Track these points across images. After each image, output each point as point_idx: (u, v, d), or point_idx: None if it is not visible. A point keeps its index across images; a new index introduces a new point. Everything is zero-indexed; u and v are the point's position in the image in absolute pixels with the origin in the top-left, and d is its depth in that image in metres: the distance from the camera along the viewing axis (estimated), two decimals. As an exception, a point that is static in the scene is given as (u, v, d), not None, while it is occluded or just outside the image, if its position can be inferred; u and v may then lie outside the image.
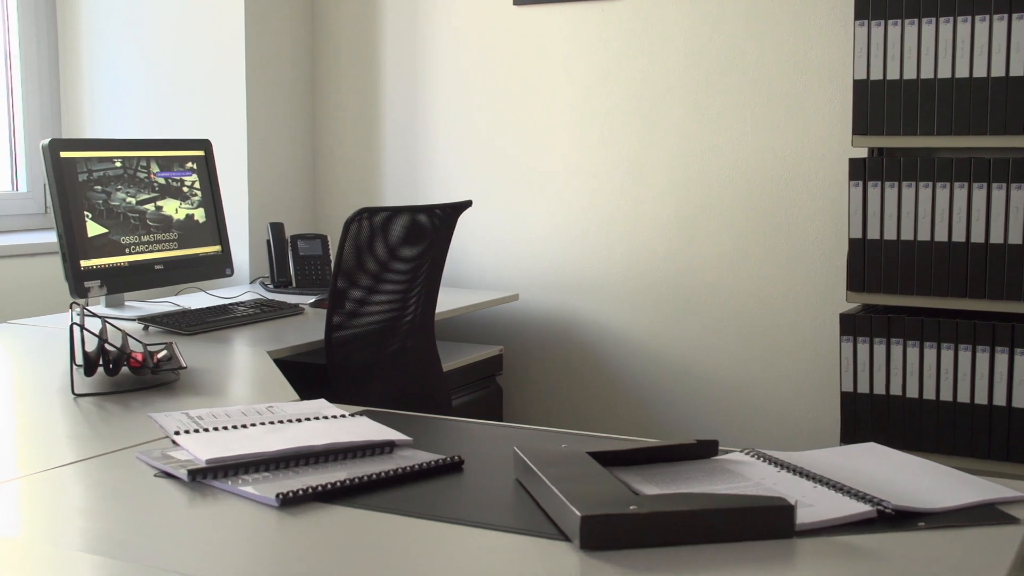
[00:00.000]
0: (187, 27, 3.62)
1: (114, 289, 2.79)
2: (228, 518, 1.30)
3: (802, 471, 1.41)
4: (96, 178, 2.78)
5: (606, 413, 3.48)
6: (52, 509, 1.34)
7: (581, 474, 1.31)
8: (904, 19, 2.69)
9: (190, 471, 1.39)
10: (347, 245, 2.40)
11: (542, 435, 1.72)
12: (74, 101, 3.76)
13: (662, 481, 1.37)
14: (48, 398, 1.91)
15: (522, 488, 1.41)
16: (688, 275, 3.34)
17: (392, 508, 1.33)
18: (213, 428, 1.62)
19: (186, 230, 3.03)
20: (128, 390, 1.97)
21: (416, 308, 2.71)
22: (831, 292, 3.15)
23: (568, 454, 1.40)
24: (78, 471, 1.49)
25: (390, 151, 3.75)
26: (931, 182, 2.70)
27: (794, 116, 3.16)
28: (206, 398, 1.95)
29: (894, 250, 2.76)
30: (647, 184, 3.37)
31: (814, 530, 1.23)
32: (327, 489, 1.35)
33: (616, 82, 3.39)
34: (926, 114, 2.70)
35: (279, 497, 1.31)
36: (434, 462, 1.47)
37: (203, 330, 2.63)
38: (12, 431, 1.72)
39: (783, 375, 3.24)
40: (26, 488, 1.41)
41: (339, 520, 1.30)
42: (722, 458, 1.48)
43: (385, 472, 1.41)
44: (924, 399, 2.75)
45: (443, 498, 1.40)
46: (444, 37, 3.63)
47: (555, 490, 1.25)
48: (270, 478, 1.41)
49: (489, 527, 1.27)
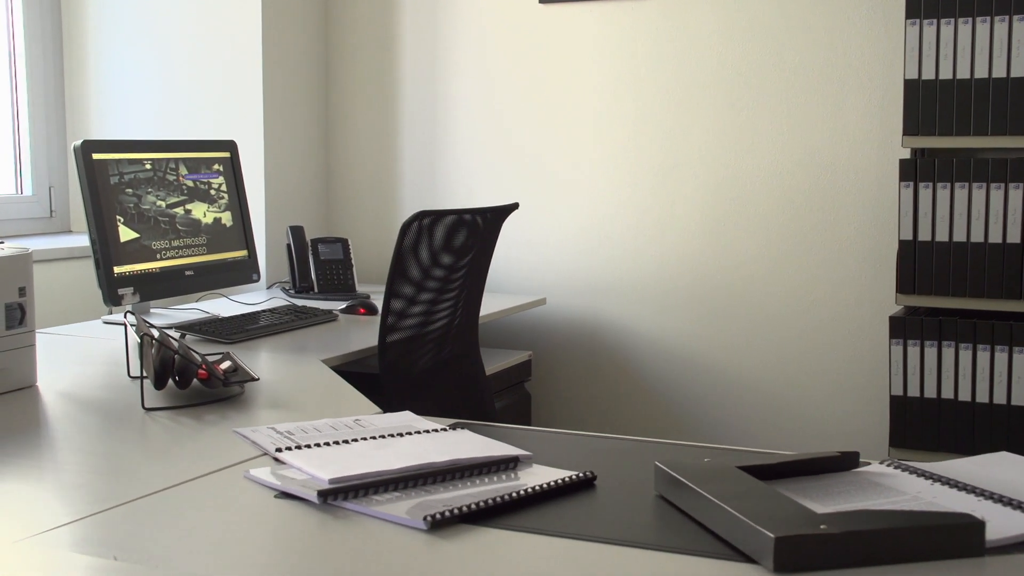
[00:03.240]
0: (199, 27, 3.51)
1: (147, 296, 2.68)
2: (374, 543, 1.22)
3: (956, 483, 1.36)
4: (127, 181, 2.67)
5: (637, 418, 3.42)
6: (184, 535, 1.25)
7: (745, 491, 1.25)
8: (957, 18, 2.66)
9: (320, 492, 1.31)
10: (404, 249, 2.32)
11: (644, 446, 1.66)
12: (79, 102, 3.63)
13: (818, 496, 1.31)
14: (118, 414, 1.82)
15: (668, 504, 1.34)
16: (720, 278, 3.29)
17: (540, 528, 1.26)
18: (315, 444, 1.54)
19: (214, 234, 2.93)
20: (197, 403, 1.87)
21: (462, 313, 2.63)
22: (870, 294, 3.11)
23: (718, 469, 1.33)
24: (188, 493, 1.40)
25: (408, 153, 3.66)
26: (984, 183, 2.67)
27: (831, 116, 3.12)
28: (280, 411, 1.86)
29: (945, 252, 2.72)
30: (678, 186, 3.31)
31: (1003, 547, 1.18)
32: (472, 510, 1.27)
33: (646, 82, 3.33)
34: (979, 114, 2.66)
35: (427, 520, 1.23)
36: (569, 478, 1.40)
37: (243, 338, 2.54)
38: (97, 451, 1.62)
39: (821, 379, 3.20)
40: (141, 513, 1.32)
41: (490, 542, 1.22)
42: (865, 471, 1.42)
43: (525, 490, 1.34)
44: (976, 402, 2.72)
45: (585, 516, 1.33)
46: (466, 37, 3.55)
47: (729, 509, 1.18)
48: (401, 498, 1.33)
49: (650, 547, 1.21)
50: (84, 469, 1.52)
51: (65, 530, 1.25)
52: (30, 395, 1.94)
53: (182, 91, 3.55)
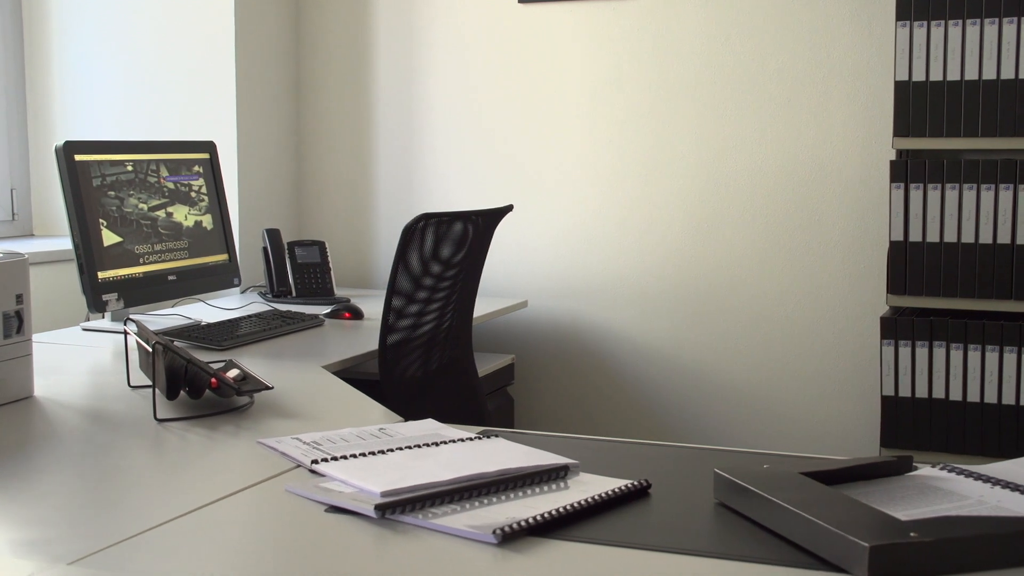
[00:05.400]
0: (167, 25, 3.42)
1: (131, 302, 2.59)
2: (442, 558, 1.17)
3: (1015, 486, 1.35)
4: (109, 183, 2.58)
5: (621, 421, 3.40)
6: (238, 555, 1.19)
7: (818, 498, 1.22)
8: (947, 20, 2.68)
9: (378, 506, 1.26)
10: (409, 252, 2.26)
11: (686, 452, 1.63)
12: (42, 102, 3.52)
13: (882, 501, 1.29)
14: (129, 426, 1.74)
15: (730, 512, 1.31)
16: (704, 279, 3.28)
17: (606, 539, 1.23)
18: (350, 455, 1.48)
19: (195, 238, 2.85)
20: (209, 414, 1.80)
21: (458, 316, 2.59)
22: (855, 295, 3.12)
23: (782, 475, 1.31)
24: (230, 510, 1.33)
25: (383, 156, 3.60)
26: (975, 184, 2.69)
27: (816, 117, 3.13)
28: (296, 421, 1.80)
29: (936, 252, 2.74)
30: (660, 187, 3.30)
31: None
32: (539, 522, 1.23)
33: (628, 82, 3.31)
34: (970, 116, 2.68)
35: (497, 533, 1.19)
36: (625, 487, 1.36)
37: (233, 345, 2.46)
38: (120, 466, 1.55)
39: (807, 380, 3.20)
40: (186, 532, 1.25)
41: (561, 555, 1.18)
42: (918, 474, 1.41)
43: (588, 500, 1.30)
44: (968, 402, 2.74)
45: (647, 525, 1.30)
46: (443, 37, 3.50)
47: (812, 517, 1.15)
48: (458, 510, 1.29)
49: (721, 556, 1.18)
50: (111, 486, 1.45)
51: (113, 552, 1.18)
52: (30, 407, 1.85)
53: (149, 91, 3.45)
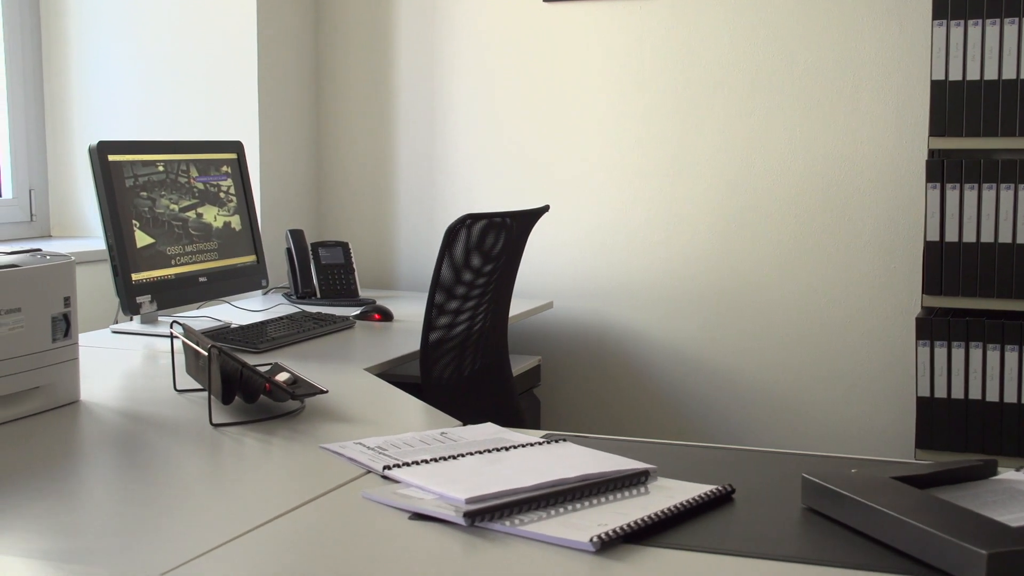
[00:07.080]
0: (187, 24, 3.38)
1: (163, 304, 2.56)
2: (537, 565, 1.15)
3: (1105, 490, 1.33)
4: (142, 183, 2.55)
5: (648, 422, 3.38)
6: (330, 564, 1.17)
7: (919, 504, 1.20)
8: (985, 19, 2.67)
9: (467, 514, 1.23)
10: (456, 253, 2.24)
11: (760, 456, 1.61)
12: (60, 102, 3.48)
13: (975, 506, 1.27)
14: (184, 432, 1.71)
15: (819, 517, 1.29)
16: (731, 279, 3.26)
17: (698, 546, 1.21)
18: (422, 460, 1.46)
19: (224, 239, 2.82)
20: (263, 418, 1.78)
21: (495, 317, 2.56)
22: (887, 295, 3.11)
23: (874, 480, 1.29)
24: (311, 517, 1.31)
25: (405, 156, 3.57)
26: (1012, 184, 2.68)
27: (845, 116, 3.11)
28: (352, 425, 1.77)
29: (973, 253, 2.73)
30: (686, 187, 3.28)
31: None
32: (634, 529, 1.21)
33: (653, 81, 3.29)
34: (1007, 115, 2.67)
35: (595, 541, 1.17)
36: (711, 492, 1.34)
37: (269, 347, 2.43)
38: (188, 473, 1.52)
39: (837, 381, 3.18)
40: (272, 541, 1.23)
41: (657, 562, 1.16)
42: (1004, 478, 1.39)
43: (678, 506, 1.28)
44: (1005, 403, 2.73)
45: (735, 530, 1.28)
46: (465, 36, 3.47)
47: (920, 524, 1.13)
48: (544, 517, 1.27)
49: (816, 563, 1.17)
50: (184, 495, 1.41)
51: (208, 559, 1.16)
52: (79, 411, 1.82)
53: (168, 92, 3.41)
